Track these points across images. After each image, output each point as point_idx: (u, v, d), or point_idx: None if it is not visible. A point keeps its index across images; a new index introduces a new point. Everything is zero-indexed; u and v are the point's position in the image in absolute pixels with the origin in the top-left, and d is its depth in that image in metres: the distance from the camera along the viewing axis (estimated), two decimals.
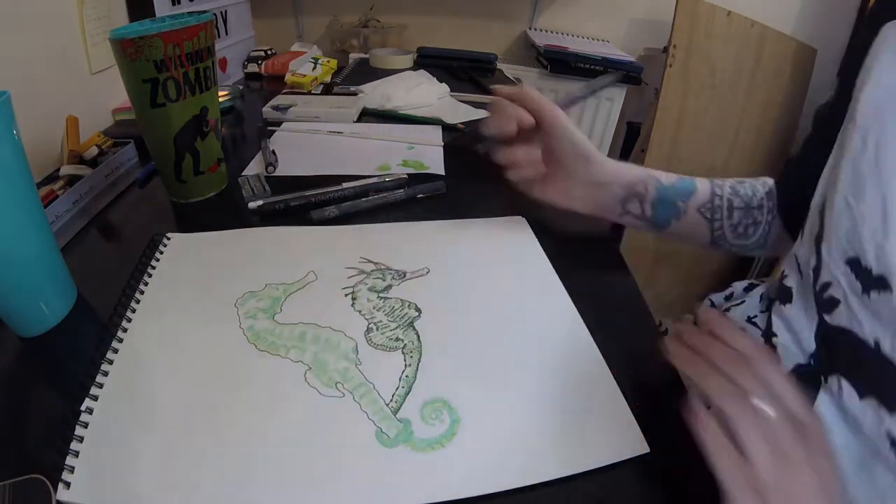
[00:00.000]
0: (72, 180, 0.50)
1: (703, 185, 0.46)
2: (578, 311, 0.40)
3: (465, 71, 1.06)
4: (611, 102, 1.38)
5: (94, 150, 0.56)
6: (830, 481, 0.27)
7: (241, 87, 0.89)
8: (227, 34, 0.97)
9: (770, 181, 0.47)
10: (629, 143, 1.52)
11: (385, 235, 0.48)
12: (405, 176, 0.58)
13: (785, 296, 0.37)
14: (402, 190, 0.55)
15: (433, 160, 0.65)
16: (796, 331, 0.35)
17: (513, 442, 0.29)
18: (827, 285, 0.32)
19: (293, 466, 0.27)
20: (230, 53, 0.98)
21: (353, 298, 0.39)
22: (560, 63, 1.28)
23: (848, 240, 0.29)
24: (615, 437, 0.30)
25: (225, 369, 0.33)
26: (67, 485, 0.25)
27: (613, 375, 0.34)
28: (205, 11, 0.56)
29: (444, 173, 0.62)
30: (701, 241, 0.47)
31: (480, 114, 0.83)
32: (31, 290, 0.35)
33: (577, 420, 0.31)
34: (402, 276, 0.42)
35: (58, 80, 0.60)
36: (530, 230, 0.50)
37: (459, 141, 0.73)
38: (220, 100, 0.71)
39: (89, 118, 0.63)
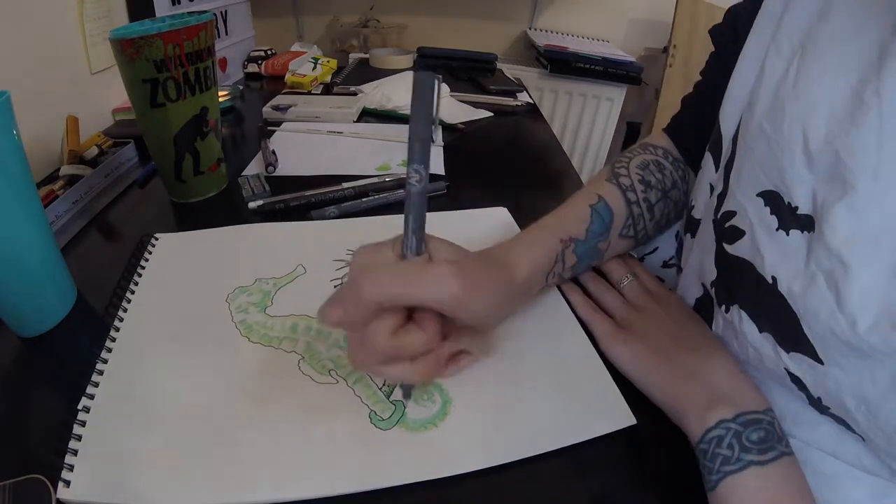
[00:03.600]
0: (72, 180, 0.50)
1: (616, 203, 0.39)
2: (561, 292, 0.41)
3: (465, 71, 1.06)
4: (611, 102, 1.38)
5: (94, 150, 0.56)
6: (681, 318, 0.36)
7: (241, 87, 0.89)
8: (227, 34, 0.97)
9: (666, 142, 0.45)
10: (629, 142, 1.52)
11: (371, 229, 0.48)
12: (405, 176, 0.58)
13: (692, 227, 0.37)
14: (402, 190, 0.55)
15: (433, 160, 0.65)
16: (699, 259, 0.35)
17: (502, 419, 0.30)
18: (731, 214, 0.30)
19: (292, 453, 0.28)
20: (230, 53, 0.98)
21: None
22: (560, 63, 1.28)
23: (764, 171, 0.27)
24: (602, 411, 0.31)
25: (219, 362, 0.33)
26: (67, 483, 0.25)
27: (598, 353, 0.35)
28: (205, 11, 0.56)
29: (444, 173, 0.62)
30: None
31: (481, 114, 0.83)
32: (31, 290, 0.35)
33: (565, 396, 0.32)
34: None
35: (58, 80, 0.60)
36: (512, 219, 0.51)
37: None
38: (220, 100, 0.71)
39: (89, 118, 0.63)
